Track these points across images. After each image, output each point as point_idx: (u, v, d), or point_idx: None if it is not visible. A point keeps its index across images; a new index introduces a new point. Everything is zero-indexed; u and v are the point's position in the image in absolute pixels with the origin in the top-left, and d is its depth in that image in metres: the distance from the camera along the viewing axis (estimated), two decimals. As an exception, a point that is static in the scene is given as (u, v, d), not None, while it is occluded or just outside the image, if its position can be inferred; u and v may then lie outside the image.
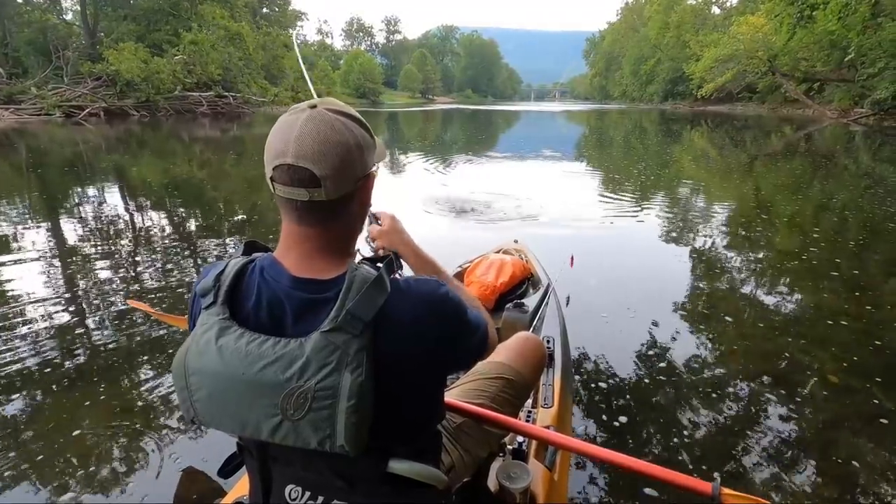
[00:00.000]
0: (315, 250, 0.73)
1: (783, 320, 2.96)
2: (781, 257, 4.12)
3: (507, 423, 1.09)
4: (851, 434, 1.94)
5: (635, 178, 8.37)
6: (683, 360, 2.47)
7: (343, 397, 0.63)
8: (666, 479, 0.98)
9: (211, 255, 4.16)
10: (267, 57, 29.84)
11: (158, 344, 2.56)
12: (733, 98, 35.96)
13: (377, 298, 0.67)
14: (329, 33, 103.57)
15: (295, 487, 0.74)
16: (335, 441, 0.64)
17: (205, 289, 0.72)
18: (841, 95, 24.88)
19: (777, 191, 7.26)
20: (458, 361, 0.85)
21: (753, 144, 14.46)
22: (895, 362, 2.44)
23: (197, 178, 8.30)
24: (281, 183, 0.69)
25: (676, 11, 45.73)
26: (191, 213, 5.87)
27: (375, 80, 63.20)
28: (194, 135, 16.65)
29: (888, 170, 9.37)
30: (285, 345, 0.65)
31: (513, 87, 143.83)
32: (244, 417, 0.67)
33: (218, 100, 25.61)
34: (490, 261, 2.50)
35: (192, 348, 0.69)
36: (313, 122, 0.69)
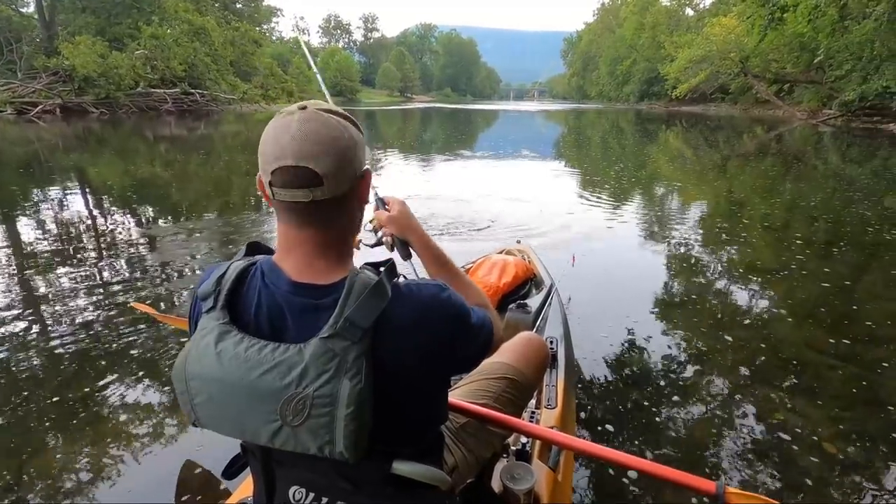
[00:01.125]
0: (315, 252, 0.72)
1: (794, 322, 2.91)
2: (779, 257, 4.11)
3: (510, 424, 1.08)
4: (857, 434, 1.92)
5: (614, 179, 8.33)
6: (687, 360, 2.47)
7: (342, 405, 0.63)
8: (670, 478, 0.97)
9: (181, 258, 4.04)
10: (236, 53, 28.60)
11: (161, 345, 2.56)
12: (707, 99, 36.54)
13: (377, 304, 0.66)
14: (306, 30, 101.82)
15: (299, 489, 0.73)
16: (335, 447, 0.64)
17: (205, 292, 0.71)
18: (810, 97, 25.43)
19: (754, 192, 7.24)
20: (461, 364, 0.84)
21: (726, 145, 14.63)
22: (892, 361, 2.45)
23: (162, 179, 7.89)
24: (281, 186, 0.68)
25: (651, 12, 46.28)
26: (158, 214, 5.62)
27: (352, 77, 62.43)
28: (159, 133, 16.06)
29: (857, 171, 9.50)
30: (284, 351, 0.65)
31: (492, 87, 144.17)
32: (243, 423, 0.67)
33: (184, 97, 24.61)
34: (493, 261, 2.51)
35: (192, 353, 0.69)
36: (308, 121, 0.68)
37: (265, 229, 5.06)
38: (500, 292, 2.36)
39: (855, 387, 2.25)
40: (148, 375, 2.29)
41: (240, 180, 8.07)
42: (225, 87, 26.99)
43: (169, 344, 2.56)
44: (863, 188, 7.37)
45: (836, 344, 2.64)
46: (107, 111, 21.36)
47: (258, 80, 29.33)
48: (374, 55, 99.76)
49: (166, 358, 2.44)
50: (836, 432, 1.94)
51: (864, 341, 2.66)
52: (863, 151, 12.81)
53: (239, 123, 20.46)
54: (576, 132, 20.88)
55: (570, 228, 4.99)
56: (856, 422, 2.01)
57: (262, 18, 46.82)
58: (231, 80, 27.71)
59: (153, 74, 23.31)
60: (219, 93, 26.43)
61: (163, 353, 2.48)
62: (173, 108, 23.82)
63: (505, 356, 1.23)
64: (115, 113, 21.49)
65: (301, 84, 48.15)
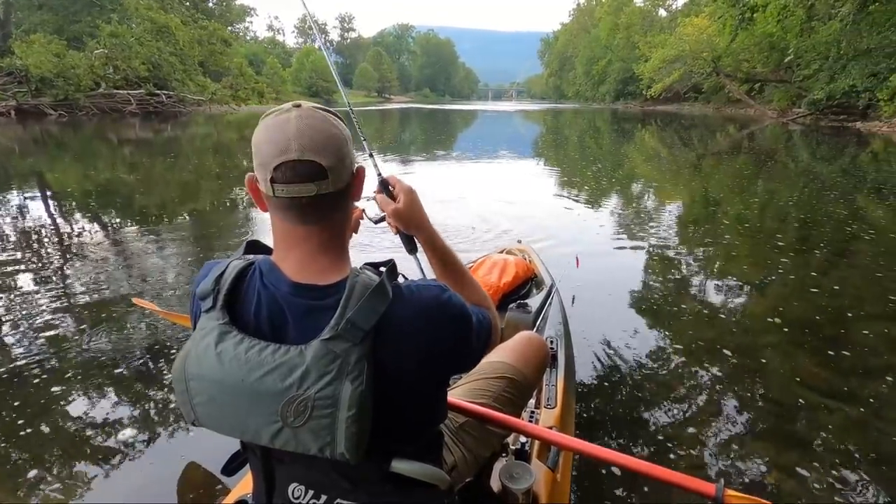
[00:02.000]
0: (316, 250, 0.72)
1: (799, 329, 2.86)
2: (775, 261, 4.06)
3: (509, 423, 1.08)
4: (853, 436, 1.92)
5: (594, 179, 8.28)
6: (688, 361, 2.46)
7: (343, 407, 0.63)
8: (669, 479, 0.97)
9: (152, 264, 3.92)
10: (204, 53, 27.43)
11: (161, 342, 2.55)
12: (681, 98, 37.12)
13: (378, 306, 0.66)
14: (280, 30, 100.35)
15: (298, 486, 0.73)
16: (335, 448, 0.64)
17: (204, 292, 0.71)
18: (780, 96, 25.99)
19: (733, 192, 7.19)
20: (461, 365, 0.84)
21: (701, 143, 14.82)
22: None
23: (128, 184, 7.46)
24: (285, 182, 0.67)
25: (625, 13, 46.87)
26: (125, 220, 5.39)
27: (328, 78, 61.56)
28: (123, 136, 15.42)
29: (828, 169, 9.66)
30: (285, 352, 0.64)
31: (470, 87, 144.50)
32: (244, 423, 0.67)
33: (149, 98, 23.65)
34: (493, 261, 2.50)
35: (192, 353, 0.68)
36: (308, 117, 0.68)
37: (239, 233, 4.90)
38: (501, 292, 2.35)
39: (859, 392, 2.23)
40: (146, 372, 2.29)
41: (210, 184, 7.77)
42: (193, 87, 25.91)
43: (166, 342, 2.55)
44: (835, 187, 7.44)
45: (834, 345, 2.61)
46: (65, 113, 20.33)
47: (228, 80, 28.18)
48: (352, 55, 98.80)
49: (162, 357, 2.42)
50: (838, 435, 1.93)
51: (864, 352, 2.62)
52: (831, 150, 13.06)
53: (208, 125, 19.86)
54: (554, 132, 21.00)
55: (555, 230, 4.91)
56: (857, 424, 2.00)
57: (234, 18, 45.87)
58: (200, 80, 26.59)
59: (115, 75, 22.29)
60: (186, 94, 25.38)
61: (162, 350, 2.48)
62: (137, 109, 22.84)
63: (505, 356, 1.22)
64: (75, 115, 20.50)
65: (275, 85, 47.45)
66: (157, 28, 24.56)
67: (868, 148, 12.90)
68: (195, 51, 26.42)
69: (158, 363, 2.37)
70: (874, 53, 17.55)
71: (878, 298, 3.27)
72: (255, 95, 29.26)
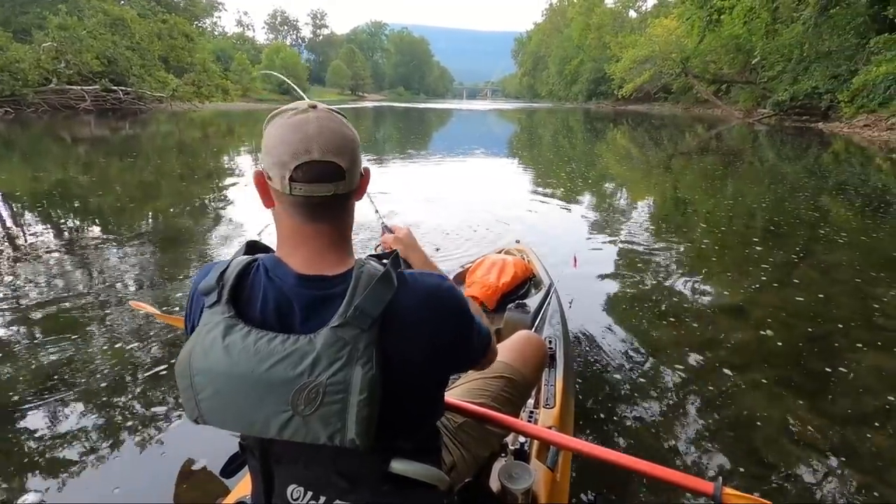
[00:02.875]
0: (325, 246, 0.73)
1: (791, 323, 2.90)
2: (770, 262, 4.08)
3: (508, 424, 1.08)
4: (851, 434, 1.93)
5: (568, 179, 8.23)
6: (687, 360, 2.45)
7: (355, 391, 0.64)
8: (668, 479, 0.97)
9: (111, 272, 3.70)
10: (164, 47, 26.00)
11: (159, 344, 2.54)
12: (651, 98, 37.72)
13: (385, 293, 0.68)
14: (250, 26, 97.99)
15: (297, 487, 0.73)
16: (345, 435, 0.65)
17: (207, 287, 0.71)
18: (745, 97, 26.60)
19: (705, 191, 7.23)
20: (461, 358, 0.84)
21: (671, 143, 15.04)
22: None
23: (83, 185, 6.94)
24: (305, 181, 0.69)
25: (596, 13, 47.36)
26: (84, 223, 5.09)
27: (299, 75, 60.23)
28: (77, 135, 14.58)
29: (790, 168, 9.86)
30: (295, 341, 0.65)
31: (445, 86, 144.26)
32: (251, 416, 0.67)
33: (106, 95, 22.47)
34: (491, 261, 2.50)
35: (197, 348, 0.68)
36: (326, 119, 0.71)
37: (209, 237, 4.66)
38: (500, 292, 2.35)
39: (853, 387, 2.26)
40: (146, 373, 2.28)
41: (171, 185, 7.33)
42: (153, 84, 24.58)
43: (164, 343, 2.54)
44: (803, 187, 7.53)
45: (834, 348, 2.63)
46: (11, 110, 19.06)
47: (190, 76, 26.72)
48: (324, 53, 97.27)
49: (165, 356, 2.42)
50: (836, 434, 1.93)
51: (855, 351, 2.63)
52: (796, 150, 13.36)
53: (170, 123, 19.04)
54: (528, 131, 21.10)
55: (564, 229, 5.00)
56: (855, 425, 2.00)
57: (199, 12, 44.45)
58: (160, 76, 25.22)
59: (67, 69, 21.02)
60: (145, 90, 24.10)
61: (161, 351, 2.47)
62: (92, 106, 21.64)
63: (503, 355, 1.20)
64: (23, 112, 19.27)
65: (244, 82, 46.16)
66: (111, 21, 23.12)
67: (830, 148, 13.21)
68: (155, 45, 25.02)
69: (155, 365, 2.36)
70: (835, 56, 18.08)
71: (850, 294, 3.35)
72: (220, 92, 28.02)
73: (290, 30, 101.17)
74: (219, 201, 6.27)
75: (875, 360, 2.48)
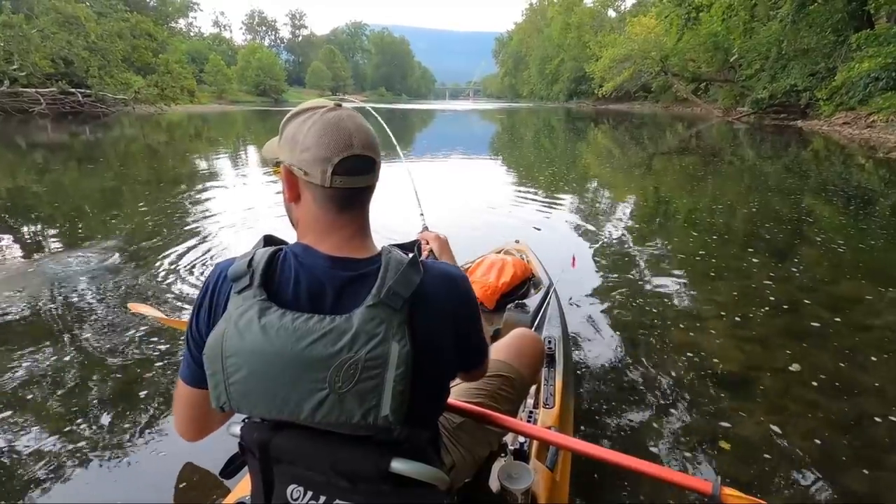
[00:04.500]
0: (353, 234, 0.77)
1: (784, 322, 2.91)
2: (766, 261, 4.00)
3: (507, 424, 1.09)
4: (848, 435, 1.92)
5: (549, 179, 8.08)
6: (686, 360, 2.45)
7: (392, 366, 0.67)
8: (667, 478, 0.99)
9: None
10: (126, 47, 24.58)
11: (159, 345, 2.52)
12: (631, 97, 37.81)
13: (414, 277, 0.72)
14: (227, 26, 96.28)
15: (297, 487, 0.74)
16: (379, 412, 0.67)
17: (237, 273, 0.72)
18: (724, 95, 26.67)
19: (684, 190, 6.93)
20: (471, 352, 0.87)
21: (651, 142, 14.97)
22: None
23: (36, 193, 6.37)
24: (347, 173, 0.73)
25: (576, 13, 47.44)
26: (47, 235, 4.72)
27: (277, 76, 59.12)
28: (33, 140, 13.80)
29: (770, 166, 9.80)
30: (332, 320, 0.68)
31: (427, 86, 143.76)
32: (285, 396, 0.68)
33: (63, 97, 21.31)
34: (491, 261, 2.48)
35: (230, 330, 0.69)
36: (356, 117, 0.76)
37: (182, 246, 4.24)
38: (499, 292, 2.34)
39: (853, 387, 2.25)
40: (145, 374, 2.29)
41: (135, 194, 6.74)
42: (114, 85, 23.22)
43: (163, 345, 2.53)
44: (784, 186, 7.37)
45: (834, 348, 2.61)
46: None
47: (153, 78, 25.25)
48: (304, 53, 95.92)
49: (159, 359, 2.41)
50: (833, 435, 1.93)
51: (852, 346, 2.63)
52: (775, 148, 13.31)
53: (134, 127, 18.23)
54: (510, 131, 21.04)
55: (562, 229, 5.00)
56: (852, 425, 1.99)
57: (173, 12, 43.25)
58: (123, 77, 23.89)
59: (20, 71, 19.76)
60: (106, 93, 22.80)
61: (159, 352, 2.47)
62: (47, 110, 20.43)
63: (499, 353, 1.22)
64: None
65: (219, 83, 45.07)
66: (63, 19, 21.73)
67: (809, 146, 13.14)
68: (116, 45, 23.69)
69: (155, 366, 2.36)
70: (813, 53, 18.03)
71: (835, 295, 3.33)
72: (185, 93, 26.84)
73: (268, 30, 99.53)
74: (187, 209, 5.78)
75: (868, 359, 2.45)
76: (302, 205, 0.77)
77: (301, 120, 0.75)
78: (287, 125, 0.77)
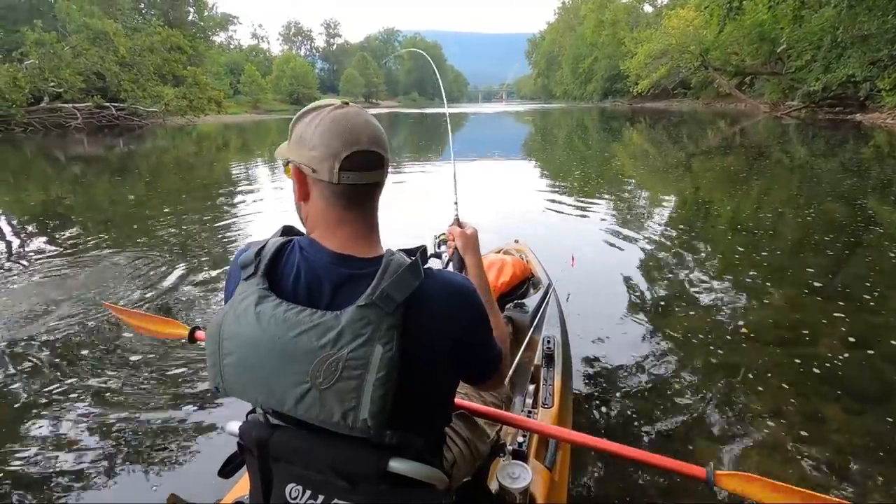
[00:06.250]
0: (360, 231, 0.77)
1: (779, 322, 2.91)
2: (766, 260, 4.01)
3: (506, 419, 1.11)
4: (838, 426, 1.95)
5: (582, 180, 7.95)
6: (685, 360, 2.47)
7: (373, 369, 0.66)
8: (663, 465, 1.03)
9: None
10: (156, 61, 24.96)
11: (159, 346, 2.52)
12: (669, 94, 36.28)
13: (411, 282, 0.70)
14: (265, 38, 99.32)
15: (295, 486, 0.74)
16: (358, 414, 0.66)
17: (246, 261, 0.75)
18: (771, 89, 25.05)
19: (725, 191, 6.40)
20: (474, 365, 0.85)
21: (691, 140, 14.23)
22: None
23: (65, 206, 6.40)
24: (354, 169, 0.73)
25: (610, 9, 45.97)
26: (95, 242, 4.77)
27: (309, 84, 60.11)
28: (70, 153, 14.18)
29: (824, 165, 8.98)
30: (322, 315, 0.68)
31: (460, 90, 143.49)
32: (271, 385, 0.69)
33: (99, 111, 21.87)
34: (490, 261, 2.45)
35: (230, 314, 0.72)
36: (364, 114, 0.76)
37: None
38: (498, 292, 2.32)
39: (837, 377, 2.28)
40: (143, 375, 2.29)
41: (170, 199, 6.97)
42: (148, 99, 23.68)
43: (163, 347, 2.52)
44: (840, 187, 6.60)
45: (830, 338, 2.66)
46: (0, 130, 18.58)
47: (181, 90, 25.62)
48: (338, 61, 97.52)
49: (159, 360, 2.41)
50: (821, 422, 1.96)
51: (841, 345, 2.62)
52: (830, 144, 12.29)
53: (165, 139, 18.62)
54: (542, 132, 20.73)
55: (562, 229, 5.04)
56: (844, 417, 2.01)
57: (214, 26, 44.55)
58: (155, 90, 24.34)
59: (57, 88, 20.40)
60: (139, 106, 23.31)
61: (159, 354, 2.46)
62: (83, 124, 20.99)
63: None
64: (12, 133, 18.77)
65: (254, 93, 46.09)
66: (94, 35, 22.33)
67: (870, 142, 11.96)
68: (146, 59, 24.22)
69: (154, 365, 2.37)
70: (873, 40, 16.40)
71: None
72: (213, 105, 27.29)
73: (304, 40, 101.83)
74: (217, 216, 6.06)
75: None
76: (311, 203, 0.77)
77: (308, 119, 0.75)
78: (295, 125, 0.77)
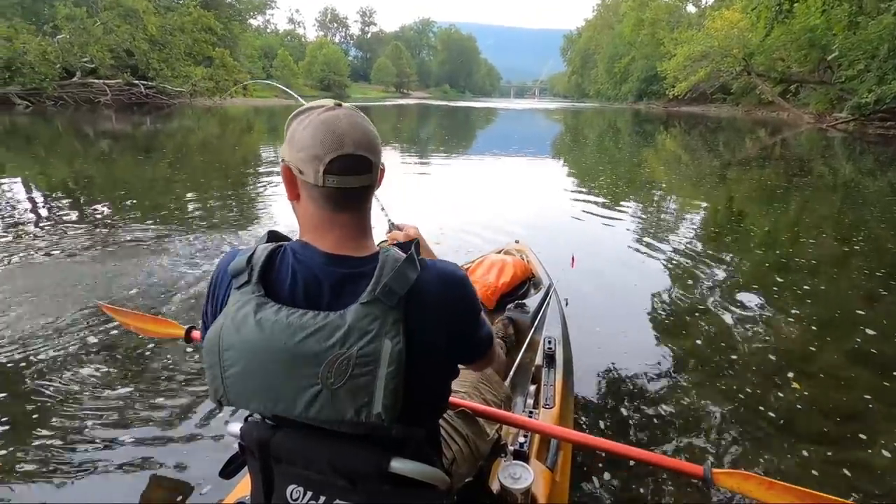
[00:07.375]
0: (352, 233, 0.77)
1: (779, 325, 2.91)
2: (772, 270, 4.03)
3: (507, 419, 1.13)
4: (836, 422, 2.02)
5: (609, 186, 7.77)
6: (685, 360, 2.50)
7: (384, 363, 0.67)
8: (662, 464, 1.06)
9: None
10: (186, 41, 24.86)
11: (159, 347, 2.50)
12: (707, 99, 34.93)
13: (410, 274, 0.71)
14: (301, 23, 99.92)
15: (297, 487, 0.74)
16: (372, 409, 0.67)
17: (237, 269, 0.74)
18: (817, 98, 23.76)
19: (753, 203, 6.01)
20: (469, 348, 0.86)
21: (727, 149, 13.49)
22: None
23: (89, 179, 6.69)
24: (339, 173, 0.72)
25: (651, 8, 44.46)
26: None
27: (341, 71, 60.22)
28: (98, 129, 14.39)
29: (871, 183, 8.42)
30: (326, 316, 0.68)
31: (492, 84, 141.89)
32: (279, 391, 0.69)
33: (128, 89, 22.07)
34: (491, 261, 2.49)
35: (227, 325, 0.71)
36: (354, 117, 0.75)
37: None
38: (499, 292, 2.34)
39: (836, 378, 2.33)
40: (142, 375, 2.28)
41: (194, 178, 7.18)
42: (177, 79, 23.75)
43: (164, 346, 2.50)
44: (891, 213, 5.99)
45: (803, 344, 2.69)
46: (32, 103, 18.81)
47: (208, 71, 25.59)
48: (372, 50, 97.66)
49: (158, 360, 2.40)
50: (821, 425, 2.00)
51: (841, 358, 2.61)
52: (879, 161, 11.53)
53: (195, 119, 18.71)
54: (573, 131, 20.39)
55: (567, 230, 5.05)
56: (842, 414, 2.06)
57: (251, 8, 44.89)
58: (184, 70, 24.33)
59: (88, 63, 20.59)
60: (167, 85, 23.39)
61: (156, 356, 2.44)
62: (111, 101, 21.22)
63: None
64: (43, 105, 19.04)
65: (286, 78, 46.43)
66: (125, 12, 22.37)
67: (927, 161, 11.07)
68: (177, 38, 24.25)
69: (153, 365, 2.36)
70: (934, 51, 15.34)
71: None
72: (239, 88, 27.59)
73: (339, 27, 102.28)
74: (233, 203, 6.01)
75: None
76: (301, 203, 0.77)
77: (300, 119, 0.75)
78: (290, 124, 0.76)
